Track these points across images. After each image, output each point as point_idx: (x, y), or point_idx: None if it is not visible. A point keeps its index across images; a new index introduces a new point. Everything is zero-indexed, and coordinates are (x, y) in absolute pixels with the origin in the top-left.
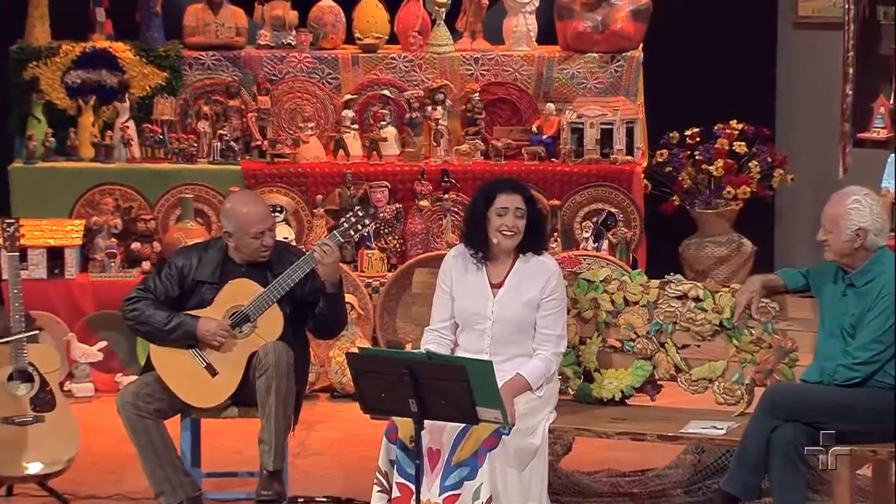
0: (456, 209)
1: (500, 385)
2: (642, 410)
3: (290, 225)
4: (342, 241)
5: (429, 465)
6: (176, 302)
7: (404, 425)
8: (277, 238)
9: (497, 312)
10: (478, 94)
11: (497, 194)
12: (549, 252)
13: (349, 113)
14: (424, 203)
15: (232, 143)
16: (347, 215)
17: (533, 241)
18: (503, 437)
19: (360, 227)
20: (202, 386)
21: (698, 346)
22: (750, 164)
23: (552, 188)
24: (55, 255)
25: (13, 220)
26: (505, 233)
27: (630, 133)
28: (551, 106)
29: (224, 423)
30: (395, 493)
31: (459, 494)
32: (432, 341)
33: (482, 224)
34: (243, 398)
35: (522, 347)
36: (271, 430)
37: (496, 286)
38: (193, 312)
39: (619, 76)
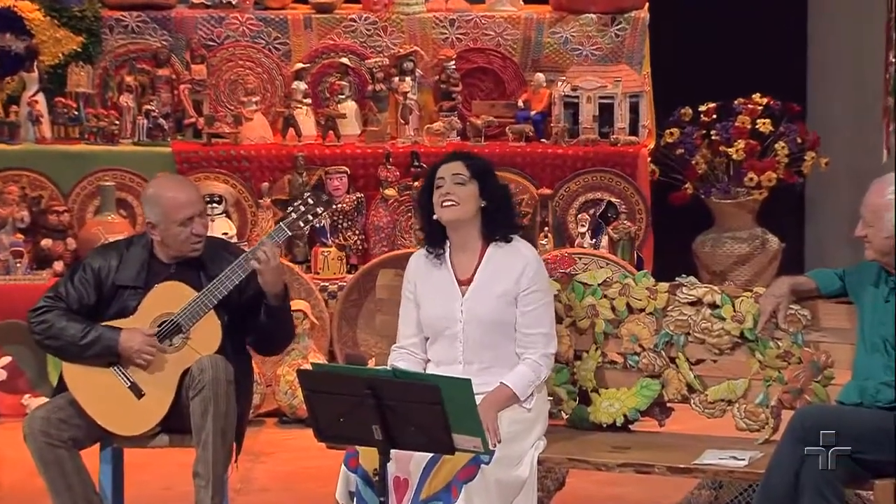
0: None
1: (480, 400)
2: (649, 438)
3: (230, 218)
4: (289, 234)
5: (395, 498)
6: (93, 311)
7: (367, 454)
8: (215, 235)
9: (468, 312)
10: (453, 62)
11: (437, 169)
12: (522, 237)
13: (301, 85)
14: (390, 192)
15: (161, 120)
16: (296, 203)
17: (495, 222)
18: (482, 466)
19: (310, 217)
20: (126, 410)
21: (715, 362)
22: (776, 145)
23: (542, 174)
24: None
25: None
26: (443, 203)
27: (634, 109)
28: (541, 76)
29: (152, 454)
30: None
31: None
32: (399, 359)
33: (432, 211)
34: (175, 423)
35: (502, 352)
36: (208, 461)
37: (464, 282)
38: (114, 323)
39: (620, 41)
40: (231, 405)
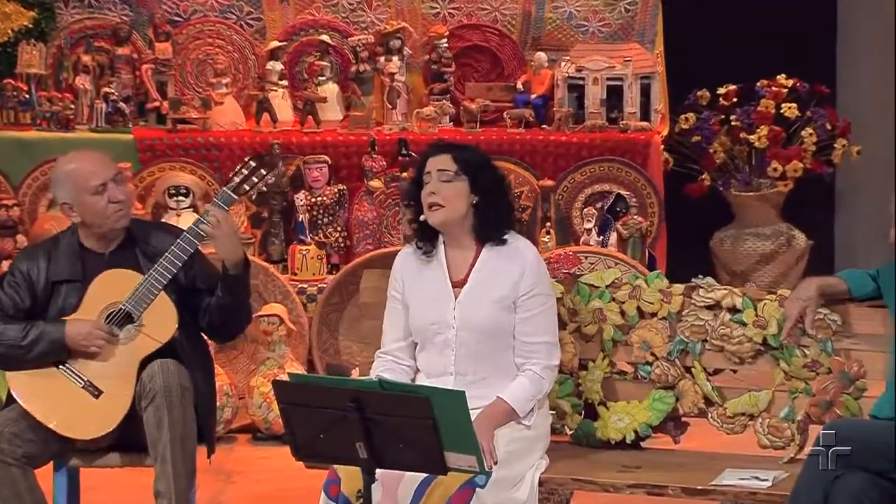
0: None
1: (475, 416)
2: (662, 456)
3: (198, 213)
4: (235, 198)
5: None
6: (30, 315)
7: (349, 476)
8: (161, 220)
9: (461, 316)
10: (445, 40)
11: (426, 161)
12: (517, 234)
13: (276, 65)
14: (376, 184)
15: (121, 104)
16: (238, 167)
17: (488, 222)
18: (478, 489)
19: (255, 179)
20: (84, 412)
21: (735, 372)
22: (803, 132)
23: (543, 164)
24: None
25: None
26: (429, 205)
27: (646, 91)
28: (542, 56)
29: (109, 475)
30: None
31: None
32: (385, 368)
33: (421, 205)
34: (131, 436)
35: (498, 362)
36: (168, 477)
37: (458, 284)
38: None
39: (631, 16)
40: (188, 412)
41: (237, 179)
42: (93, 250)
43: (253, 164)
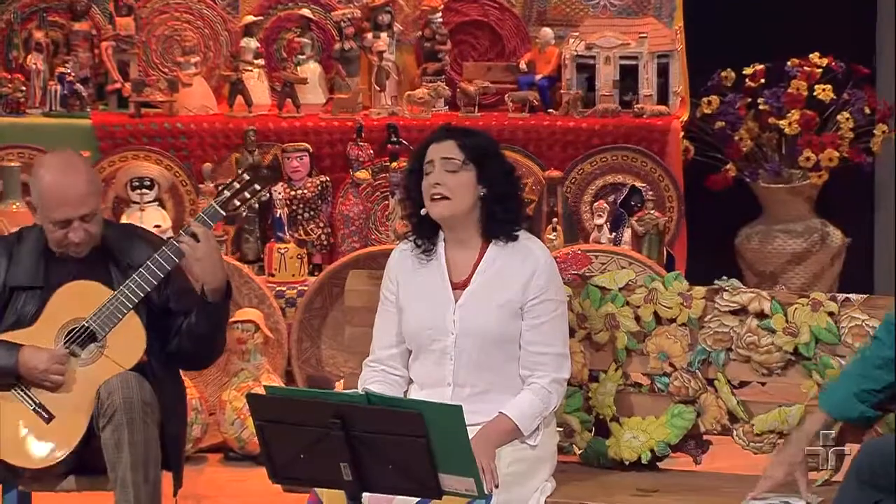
0: None
1: (474, 434)
2: (681, 478)
3: (163, 207)
4: (223, 215)
5: None
6: None
7: (332, 501)
8: (136, 223)
9: (461, 322)
10: (440, 14)
11: (427, 148)
12: (527, 231)
13: (251, 43)
14: (362, 175)
15: (78, 86)
16: (230, 180)
17: (497, 217)
18: None
19: (247, 195)
20: (32, 438)
21: (763, 384)
22: (839, 116)
23: (549, 153)
24: None
25: None
26: (432, 196)
27: (663, 72)
28: (548, 32)
29: (64, 499)
30: None
31: None
32: (374, 379)
33: (421, 196)
34: (89, 460)
35: (502, 374)
36: (129, 503)
37: (460, 285)
38: (13, 335)
39: None
40: (151, 431)
41: (227, 193)
42: (59, 254)
43: (247, 177)
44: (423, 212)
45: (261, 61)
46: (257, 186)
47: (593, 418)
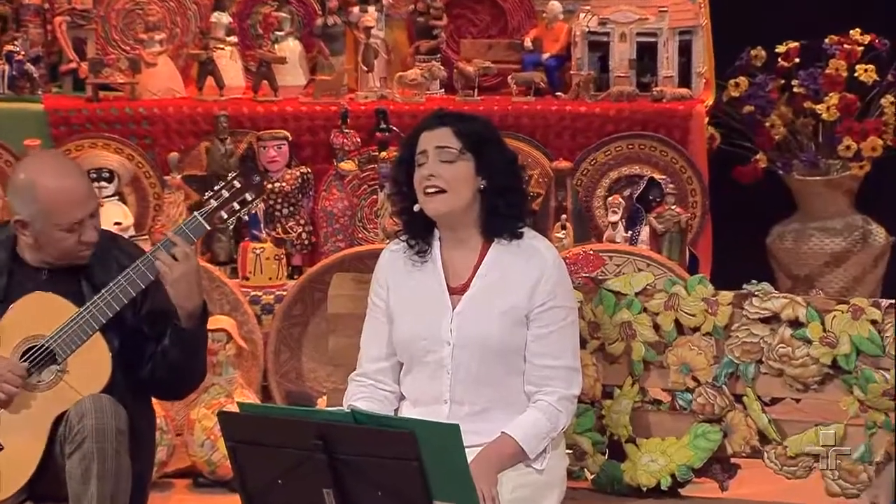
0: None
1: (473, 456)
2: None
3: (124, 202)
4: (208, 228)
5: None
6: None
7: None
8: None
9: (459, 331)
10: None
11: (419, 136)
12: (533, 228)
13: (223, 17)
14: (348, 166)
15: (28, 66)
16: (217, 186)
17: (498, 212)
18: None
19: (237, 206)
20: None
21: (798, 401)
22: (882, 100)
23: (557, 141)
24: None
25: None
26: (426, 189)
27: (686, 50)
28: (556, 5)
29: None
30: None
31: None
32: (361, 395)
33: (413, 190)
34: (47, 489)
35: (505, 390)
36: None
37: (457, 291)
38: None
39: None
40: (123, 462)
41: (214, 203)
42: (29, 264)
43: (237, 184)
44: (415, 207)
45: (234, 38)
46: (248, 196)
47: (607, 439)
